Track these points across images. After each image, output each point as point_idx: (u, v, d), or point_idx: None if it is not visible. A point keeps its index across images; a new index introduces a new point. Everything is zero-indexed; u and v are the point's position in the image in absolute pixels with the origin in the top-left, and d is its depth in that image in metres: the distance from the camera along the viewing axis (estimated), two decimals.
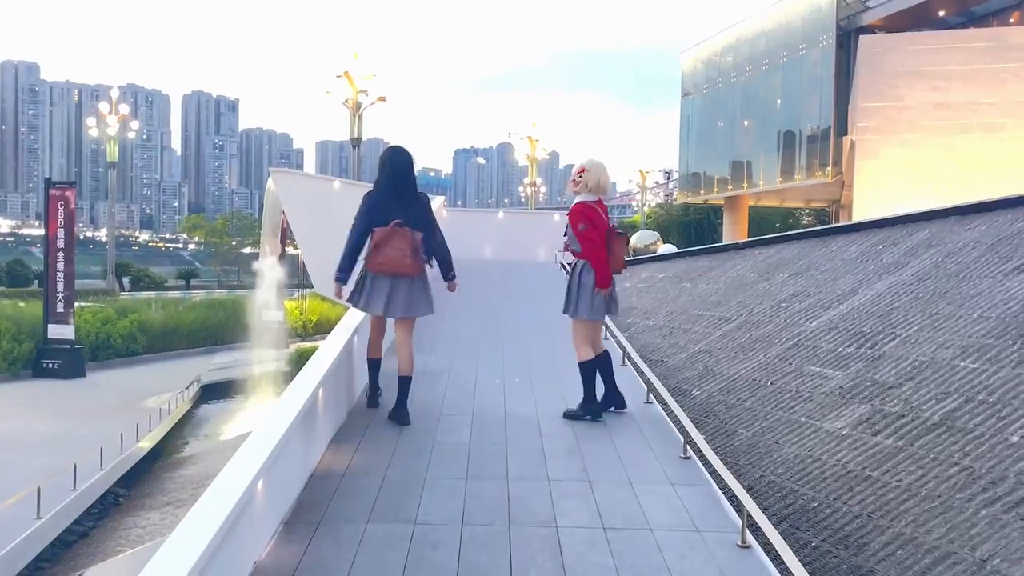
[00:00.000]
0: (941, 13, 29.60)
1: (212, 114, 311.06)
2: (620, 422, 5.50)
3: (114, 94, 45.34)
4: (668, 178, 74.31)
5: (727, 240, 34.22)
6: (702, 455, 4.57)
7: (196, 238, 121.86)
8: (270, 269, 27.28)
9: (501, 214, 20.48)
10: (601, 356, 5.60)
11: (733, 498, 4.02)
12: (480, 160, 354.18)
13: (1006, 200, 8.38)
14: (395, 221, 5.23)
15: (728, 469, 4.19)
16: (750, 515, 3.62)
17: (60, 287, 24.55)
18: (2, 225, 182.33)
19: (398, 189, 5.42)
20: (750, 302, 9.39)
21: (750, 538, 3.70)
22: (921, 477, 4.55)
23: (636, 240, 31.28)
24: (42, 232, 28.21)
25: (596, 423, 5.44)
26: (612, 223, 5.66)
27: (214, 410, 24.89)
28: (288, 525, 3.77)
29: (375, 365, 5.69)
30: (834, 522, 4.59)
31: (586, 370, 5.54)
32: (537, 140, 41.31)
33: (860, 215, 23.23)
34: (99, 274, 58.82)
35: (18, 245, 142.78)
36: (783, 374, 6.90)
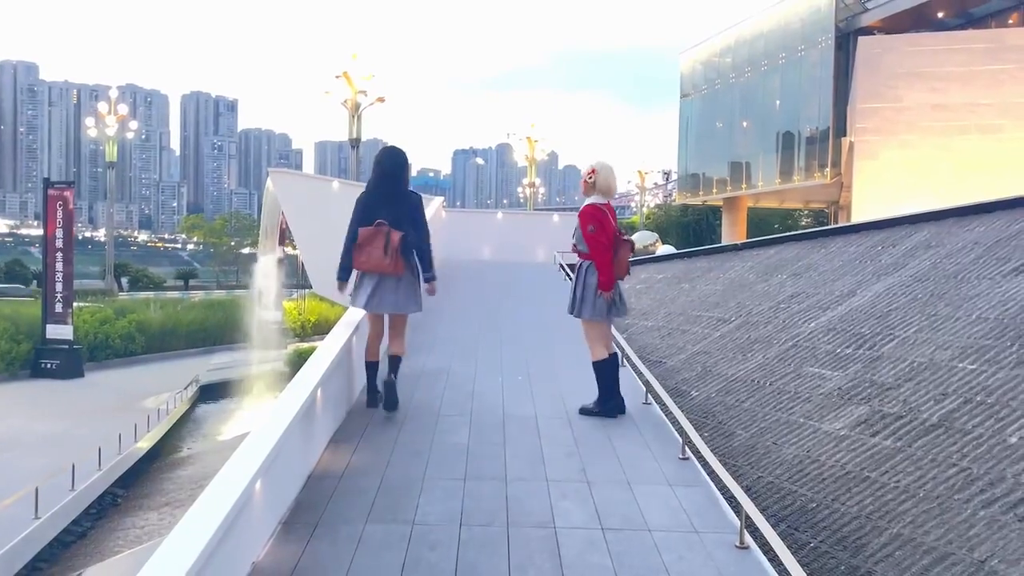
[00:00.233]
0: (940, 14, 29.64)
1: (211, 114, 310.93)
2: (619, 423, 5.50)
3: (113, 94, 45.35)
4: (667, 179, 74.36)
5: (726, 241, 34.26)
6: (700, 456, 4.57)
7: (195, 238, 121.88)
8: (269, 269, 27.29)
9: (500, 215, 20.49)
10: (608, 358, 5.61)
11: (731, 499, 4.02)
12: (479, 161, 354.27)
13: (1004, 201, 8.38)
14: (378, 221, 5.33)
15: (726, 470, 4.19)
16: (748, 516, 3.63)
17: (59, 287, 24.55)
18: (1, 225, 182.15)
19: (386, 188, 5.51)
20: (749, 303, 9.39)
21: (748, 539, 3.71)
22: (919, 478, 4.56)
23: (635, 241, 31.34)
24: (41, 232, 28.20)
25: (596, 424, 5.45)
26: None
27: (212, 410, 24.91)
28: (286, 525, 3.77)
29: (373, 368, 5.70)
30: (832, 523, 4.59)
31: (600, 369, 5.58)
32: (536, 141, 41.34)
33: (859, 216, 23.26)
34: (98, 274, 58.83)
35: (17, 245, 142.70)
36: (782, 375, 6.90)
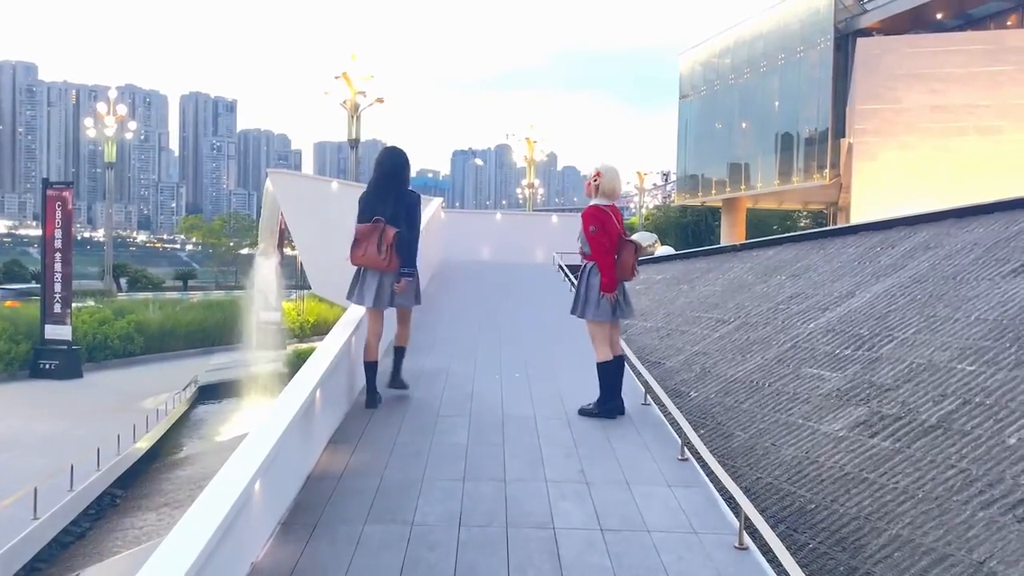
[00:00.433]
0: (939, 16, 29.68)
1: (210, 115, 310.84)
2: (618, 424, 5.50)
3: (112, 94, 45.30)
4: (666, 180, 74.39)
5: (725, 242, 34.26)
6: (699, 457, 4.57)
7: (194, 239, 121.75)
8: (268, 270, 27.27)
9: (499, 216, 20.49)
10: (613, 360, 5.60)
11: (730, 500, 4.02)
12: (478, 161, 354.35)
13: (1003, 202, 8.39)
14: (375, 218, 5.51)
15: (725, 471, 4.19)
16: (747, 517, 3.63)
17: (57, 288, 24.52)
18: None
19: (383, 187, 5.69)
20: (748, 304, 9.40)
21: (747, 540, 3.71)
22: (918, 479, 4.56)
23: (638, 242, 31.32)
24: (39, 233, 28.19)
25: (595, 425, 5.45)
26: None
27: (211, 411, 24.88)
28: (285, 526, 3.77)
29: (372, 368, 5.73)
30: (831, 524, 4.59)
31: (603, 370, 5.58)
32: (535, 142, 41.33)
33: (858, 217, 23.28)
34: (96, 275, 58.80)
35: (15, 246, 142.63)
36: (780, 376, 6.91)
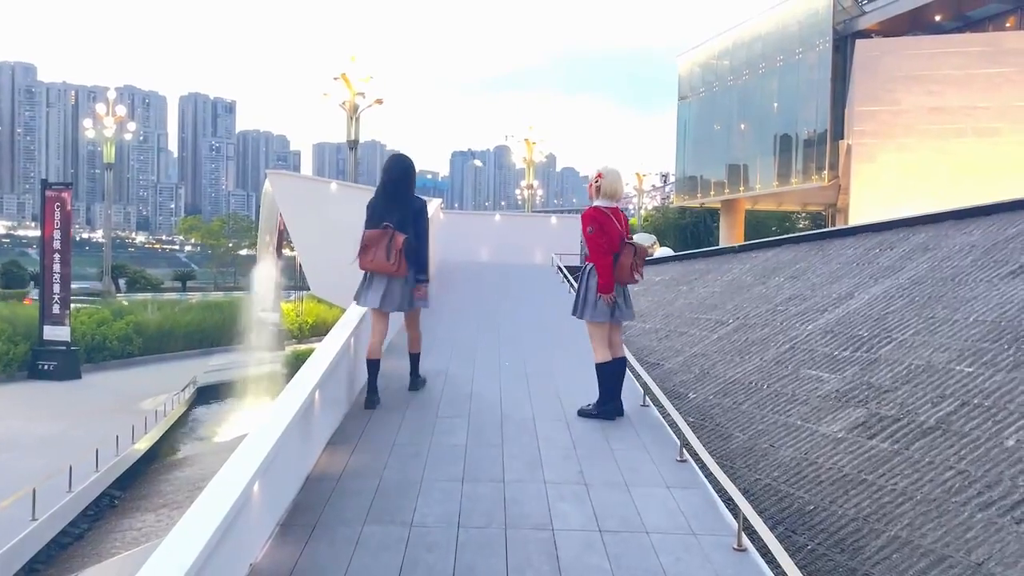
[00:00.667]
0: (937, 18, 29.71)
1: (209, 116, 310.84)
2: (616, 425, 5.50)
3: (111, 95, 45.26)
4: (665, 181, 74.43)
5: (723, 243, 34.29)
6: (698, 458, 4.57)
7: (192, 240, 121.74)
8: (267, 271, 27.27)
9: (498, 217, 20.47)
10: (613, 361, 5.60)
11: (729, 501, 4.02)
12: (477, 163, 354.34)
13: (1002, 204, 8.40)
14: (384, 224, 5.63)
15: (724, 472, 4.19)
16: (746, 518, 3.63)
17: (56, 288, 24.50)
18: None
19: (390, 193, 5.82)
20: (746, 305, 9.41)
21: (746, 541, 3.71)
22: (917, 481, 4.56)
23: (642, 245, 31.33)
24: (38, 233, 28.16)
25: (594, 426, 5.45)
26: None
27: (210, 412, 24.87)
28: (284, 527, 3.77)
29: (374, 366, 5.78)
30: (830, 525, 4.59)
31: (601, 371, 5.58)
32: (534, 143, 41.32)
33: (856, 219, 23.30)
34: (95, 275, 58.76)
35: (14, 247, 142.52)
36: (779, 377, 6.91)
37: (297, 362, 23.39)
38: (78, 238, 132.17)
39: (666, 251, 24.51)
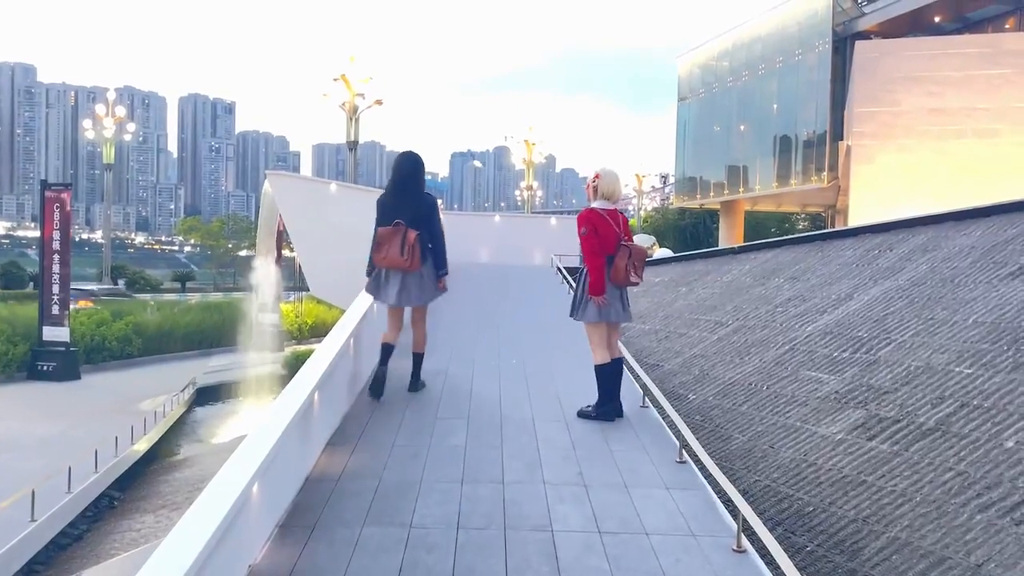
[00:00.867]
0: (936, 19, 29.72)
1: (209, 116, 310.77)
2: (616, 426, 5.50)
3: (110, 96, 45.34)
4: (664, 182, 74.45)
5: (723, 245, 34.29)
6: (698, 459, 4.57)
7: (192, 241, 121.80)
8: (266, 272, 27.27)
9: (497, 218, 20.48)
10: (611, 362, 5.59)
11: (728, 502, 4.02)
12: (477, 164, 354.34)
13: (1001, 205, 8.40)
14: (396, 221, 5.73)
15: (724, 473, 4.19)
16: (745, 519, 3.63)
17: (56, 289, 24.49)
18: None
19: (401, 191, 5.94)
20: (746, 306, 9.40)
21: (745, 542, 3.71)
22: (916, 482, 4.56)
23: (641, 246, 31.34)
24: (38, 234, 28.16)
25: (593, 427, 5.45)
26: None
27: (209, 413, 24.86)
28: (283, 528, 3.77)
29: (388, 348, 6.00)
30: (829, 527, 4.59)
31: (600, 372, 5.58)
32: (534, 144, 41.32)
33: (856, 220, 23.31)
34: (95, 276, 58.73)
35: (13, 247, 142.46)
36: (778, 379, 6.91)
37: (296, 363, 23.38)
38: (77, 239, 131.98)
39: (665, 252, 24.53)
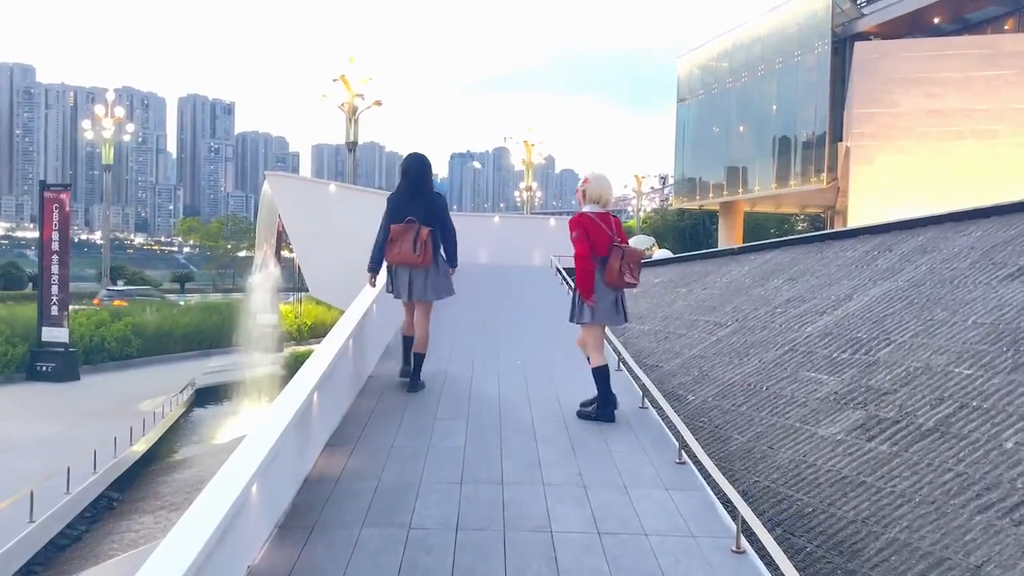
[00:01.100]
0: (936, 20, 29.75)
1: (208, 117, 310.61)
2: (615, 427, 5.50)
3: (110, 97, 45.29)
4: (664, 183, 74.50)
5: (722, 245, 34.31)
6: (697, 460, 4.57)
7: (191, 241, 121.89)
8: (265, 272, 27.23)
9: (497, 219, 20.47)
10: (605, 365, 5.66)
11: (728, 503, 4.02)
12: (476, 165, 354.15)
13: (1000, 206, 8.41)
14: (408, 219, 5.98)
15: (723, 474, 4.19)
16: (745, 520, 3.63)
17: (55, 290, 24.47)
18: None
19: (412, 190, 6.19)
20: (745, 307, 9.40)
21: (745, 543, 3.71)
22: (915, 483, 4.56)
23: (631, 245, 31.39)
24: (37, 235, 28.14)
25: (593, 428, 5.45)
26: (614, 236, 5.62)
27: (208, 414, 24.83)
28: (282, 529, 3.77)
29: (408, 341, 6.41)
30: (828, 527, 4.59)
31: (597, 375, 5.60)
32: (533, 144, 41.32)
33: (855, 221, 23.33)
34: (94, 277, 58.73)
35: (12, 248, 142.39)
36: (778, 379, 6.91)
37: (296, 364, 23.36)
38: (77, 239, 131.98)
39: (665, 253, 24.55)
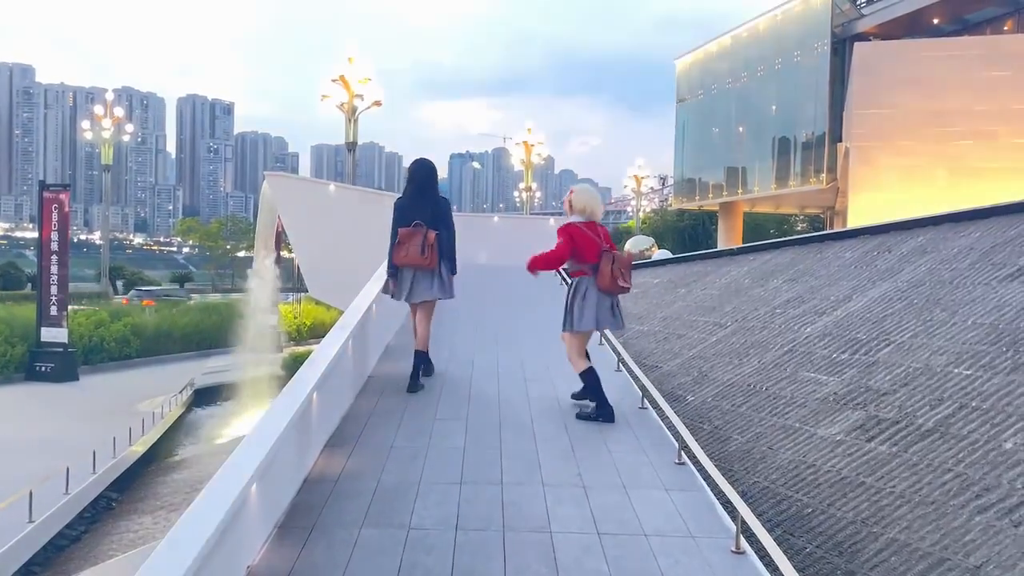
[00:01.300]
0: (935, 21, 29.76)
1: (207, 117, 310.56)
2: (615, 427, 5.50)
3: (109, 97, 45.31)
4: (663, 184, 74.51)
5: (722, 246, 34.32)
6: (697, 461, 4.57)
7: (190, 241, 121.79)
8: (265, 273, 27.23)
9: (496, 219, 20.46)
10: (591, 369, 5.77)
11: (727, 504, 4.02)
12: (476, 165, 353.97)
13: (1000, 207, 8.41)
14: (415, 222, 6.16)
15: (723, 475, 4.19)
16: (744, 521, 3.63)
17: (54, 290, 24.46)
18: None
19: (418, 194, 6.37)
20: (745, 308, 9.40)
21: (744, 544, 3.71)
22: (915, 483, 4.56)
23: (631, 246, 31.39)
24: (36, 235, 28.14)
25: (592, 428, 5.45)
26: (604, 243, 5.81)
27: (208, 414, 24.82)
28: (282, 529, 3.76)
29: (419, 356, 6.45)
30: (828, 528, 4.59)
31: (585, 377, 5.70)
32: (532, 145, 41.30)
33: (854, 221, 23.31)
34: (93, 277, 58.66)
35: (12, 248, 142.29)
36: (777, 380, 6.91)
37: (295, 364, 23.34)
38: (76, 239, 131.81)
39: (664, 253, 24.56)
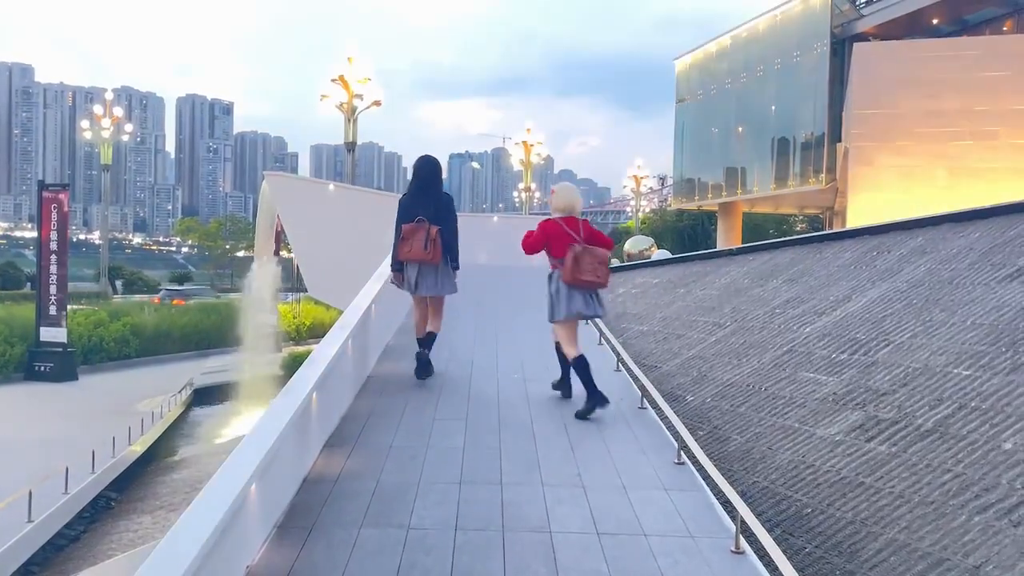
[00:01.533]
0: (935, 21, 29.77)
1: (206, 117, 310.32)
2: (614, 427, 5.50)
3: (108, 97, 45.32)
4: (663, 184, 74.52)
5: (721, 246, 34.32)
6: (696, 461, 4.57)
7: (189, 241, 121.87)
8: (264, 273, 27.22)
9: (495, 219, 20.47)
10: (577, 358, 5.91)
11: (727, 504, 4.02)
12: (475, 165, 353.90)
13: (999, 207, 8.41)
14: (418, 218, 6.27)
15: (722, 475, 4.19)
16: (744, 521, 3.63)
17: (53, 290, 24.45)
18: None
19: (422, 190, 6.48)
20: (744, 308, 9.40)
21: (744, 544, 3.71)
22: (914, 484, 4.56)
23: (630, 246, 31.37)
24: (35, 235, 28.13)
25: (591, 428, 5.45)
26: (580, 239, 5.99)
27: (207, 414, 24.82)
28: (281, 529, 3.76)
29: (422, 344, 6.63)
30: (827, 528, 4.59)
31: (578, 365, 5.85)
32: (532, 145, 41.29)
33: (854, 221, 23.32)
34: (92, 277, 58.66)
35: (11, 248, 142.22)
36: (777, 380, 6.91)
37: (294, 364, 23.34)
38: (75, 239, 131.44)
39: (664, 253, 24.55)
